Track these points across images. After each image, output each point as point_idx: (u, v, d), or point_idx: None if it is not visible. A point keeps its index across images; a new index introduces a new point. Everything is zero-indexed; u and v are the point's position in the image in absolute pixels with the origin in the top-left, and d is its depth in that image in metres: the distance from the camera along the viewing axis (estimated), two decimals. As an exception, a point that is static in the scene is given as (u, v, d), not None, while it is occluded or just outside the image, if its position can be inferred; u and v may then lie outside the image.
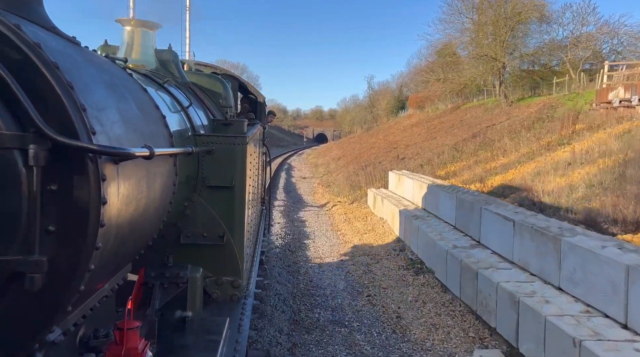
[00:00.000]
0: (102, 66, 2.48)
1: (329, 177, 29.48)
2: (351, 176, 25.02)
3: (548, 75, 37.01)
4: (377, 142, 39.50)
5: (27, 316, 1.75)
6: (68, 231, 1.75)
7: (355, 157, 34.91)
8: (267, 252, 10.09)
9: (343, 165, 32.65)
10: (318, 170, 35.97)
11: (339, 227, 15.55)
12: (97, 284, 2.27)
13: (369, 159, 30.97)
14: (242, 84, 8.36)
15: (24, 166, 1.66)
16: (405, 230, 12.36)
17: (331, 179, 27.92)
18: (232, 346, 3.25)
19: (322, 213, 18.40)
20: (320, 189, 25.71)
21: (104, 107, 2.10)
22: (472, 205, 9.81)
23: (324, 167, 37.10)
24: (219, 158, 3.94)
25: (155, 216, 2.81)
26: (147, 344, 2.46)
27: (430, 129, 35.40)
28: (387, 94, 67.79)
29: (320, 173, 33.75)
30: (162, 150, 2.57)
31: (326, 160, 41.04)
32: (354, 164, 31.12)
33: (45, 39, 1.92)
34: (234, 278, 4.04)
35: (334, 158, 39.96)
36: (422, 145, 29.48)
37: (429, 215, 12.23)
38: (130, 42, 4.49)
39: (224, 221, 3.96)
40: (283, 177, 31.40)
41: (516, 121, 25.48)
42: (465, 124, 31.55)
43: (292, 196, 23.30)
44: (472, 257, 8.35)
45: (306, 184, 28.09)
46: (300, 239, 13.69)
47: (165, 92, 3.93)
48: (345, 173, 27.52)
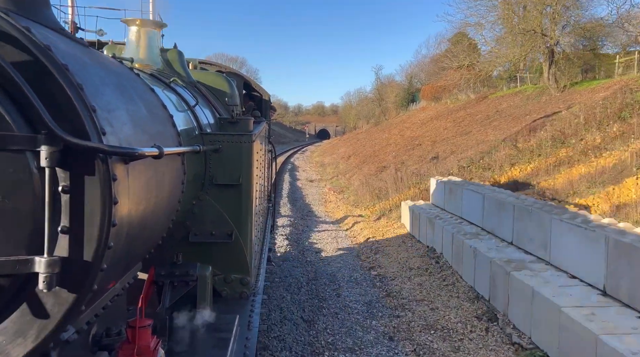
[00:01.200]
0: (110, 67, 2.50)
1: (341, 180, 26.19)
2: (370, 180, 21.19)
3: (599, 56, 30.90)
4: (392, 138, 34.91)
5: (41, 315, 1.77)
6: (80, 231, 1.77)
7: (369, 155, 31.11)
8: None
9: (355, 166, 28.93)
10: (326, 171, 32.47)
11: (371, 260, 10.63)
12: (109, 283, 2.29)
13: (387, 158, 26.87)
14: (247, 81, 8.37)
15: (36, 167, 1.68)
16: (494, 284, 7.61)
17: (344, 183, 24.55)
18: (242, 343, 3.27)
19: (341, 235, 13.68)
20: (332, 196, 21.89)
21: (114, 108, 2.12)
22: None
23: (332, 167, 33.42)
24: (226, 156, 3.96)
25: (164, 214, 2.83)
26: (159, 342, 2.48)
27: (459, 122, 29.81)
28: (395, 86, 63.39)
29: (328, 174, 30.49)
30: (171, 150, 2.59)
31: (334, 159, 37.42)
32: (369, 164, 27.32)
33: (54, 41, 1.94)
34: (243, 276, 4.06)
35: (342, 156, 36.32)
36: (454, 141, 24.72)
37: (535, 259, 7.77)
38: (136, 42, 4.51)
39: (232, 218, 3.98)
40: (287, 181, 27.73)
41: (585, 110, 18.77)
42: (506, 116, 26.01)
43: (299, 206, 19.21)
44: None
45: (314, 190, 24.38)
46: (318, 292, 8.72)
47: (172, 91, 3.95)
48: (360, 176, 23.83)
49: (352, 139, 48.85)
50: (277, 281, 8.74)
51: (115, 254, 1.97)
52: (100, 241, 1.79)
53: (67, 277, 1.76)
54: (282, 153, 43.73)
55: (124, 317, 2.69)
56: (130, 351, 2.33)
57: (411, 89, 57.22)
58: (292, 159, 45.48)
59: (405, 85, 59.15)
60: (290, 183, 27.20)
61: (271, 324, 6.57)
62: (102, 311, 2.34)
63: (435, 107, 40.83)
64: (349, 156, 34.72)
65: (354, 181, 23.68)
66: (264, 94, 8.87)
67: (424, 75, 55.51)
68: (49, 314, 1.77)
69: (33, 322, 1.77)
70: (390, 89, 63.20)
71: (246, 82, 8.31)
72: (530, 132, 19.58)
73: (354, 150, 37.60)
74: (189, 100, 4.13)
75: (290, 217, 16.32)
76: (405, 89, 58.20)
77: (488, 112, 29.21)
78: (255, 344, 3.52)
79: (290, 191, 23.70)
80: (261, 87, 8.79)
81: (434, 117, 35.33)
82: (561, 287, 6.49)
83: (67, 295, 1.77)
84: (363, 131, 53.65)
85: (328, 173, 31.38)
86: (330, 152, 45.96)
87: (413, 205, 13.10)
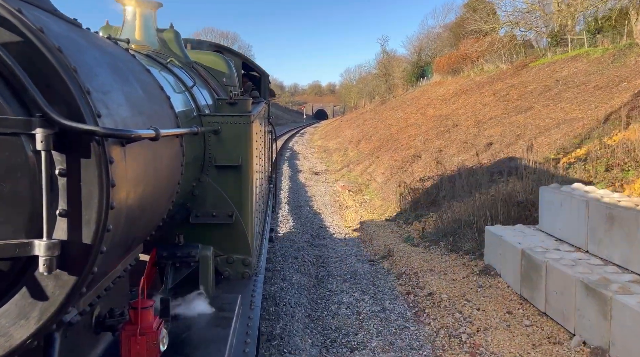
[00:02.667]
0: (105, 48, 2.47)
1: (354, 172, 21.72)
2: (398, 175, 16.69)
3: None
4: (410, 117, 29.28)
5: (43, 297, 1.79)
6: (78, 213, 1.77)
7: (385, 139, 26.07)
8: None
9: (371, 153, 24.07)
10: (332, 160, 27.69)
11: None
12: (110, 265, 2.30)
13: (414, 143, 21.53)
14: (245, 61, 8.29)
15: (31, 150, 1.68)
16: None
17: (360, 178, 19.83)
18: (244, 322, 3.31)
19: (384, 288, 7.75)
20: (348, 198, 16.50)
21: (109, 90, 2.10)
22: None
23: (339, 154, 28.75)
24: (225, 138, 3.94)
25: (164, 196, 2.83)
26: (161, 323, 2.51)
27: (502, 96, 22.99)
28: (401, 60, 58.01)
29: (336, 164, 25.91)
30: (168, 131, 2.57)
31: (340, 144, 32.49)
32: (390, 151, 22.13)
33: (47, 22, 1.91)
34: (245, 256, 4.09)
35: (350, 141, 31.42)
36: (512, 121, 18.40)
37: None
38: (132, 22, 4.45)
39: (233, 200, 3.99)
40: (286, 174, 22.44)
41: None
42: (578, 85, 19.60)
43: (305, 217, 13.46)
44: None
45: (322, 187, 19.16)
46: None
47: (169, 72, 3.91)
48: (382, 169, 19.27)
49: (357, 120, 43.21)
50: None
51: (115, 236, 1.98)
52: (99, 224, 1.80)
53: (67, 260, 1.77)
54: (279, 136, 34.93)
55: (127, 299, 2.72)
56: (133, 332, 2.35)
57: (420, 62, 51.09)
58: (291, 144, 40.48)
59: (414, 59, 52.91)
60: (290, 177, 21.72)
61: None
62: (104, 292, 2.36)
63: (455, 81, 34.59)
64: (359, 140, 29.88)
65: (375, 174, 19.10)
66: (262, 74, 8.80)
67: (438, 45, 49.76)
68: (50, 296, 1.78)
69: (35, 305, 1.78)
70: (395, 63, 58.14)
71: (244, 62, 8.23)
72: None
73: (362, 132, 32.65)
74: (187, 81, 4.09)
75: (294, 239, 10.50)
76: (414, 62, 52.12)
77: (544, 82, 22.53)
78: (258, 323, 3.56)
79: (292, 190, 18.13)
80: (260, 67, 8.72)
81: (460, 92, 28.88)
82: None
83: (67, 277, 1.79)
84: (368, 110, 48.79)
85: (335, 162, 26.76)
86: (333, 134, 41.39)
87: (514, 238, 7.42)
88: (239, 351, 2.94)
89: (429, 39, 53.27)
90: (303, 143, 41.49)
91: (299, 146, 38.31)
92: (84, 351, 2.39)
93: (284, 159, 28.83)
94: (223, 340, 2.84)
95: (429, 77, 43.97)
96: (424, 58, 51.33)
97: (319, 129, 57.41)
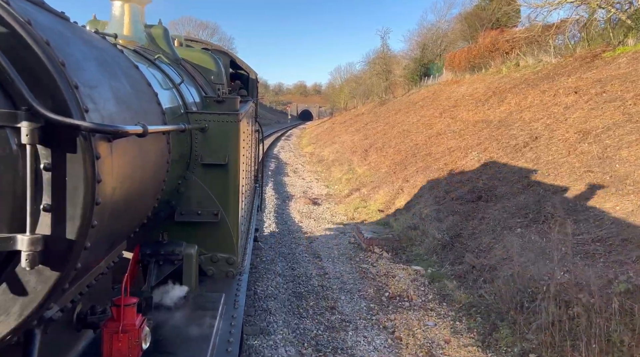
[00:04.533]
0: (93, 43, 2.44)
1: (373, 202, 14.53)
2: (468, 227, 9.59)
3: None
4: (435, 122, 21.72)
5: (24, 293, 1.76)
6: (63, 209, 1.75)
7: (410, 152, 18.75)
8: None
9: (391, 172, 17.05)
10: (333, 177, 20.95)
11: None
12: (93, 262, 2.28)
13: (464, 161, 14.36)
14: (233, 60, 8.26)
15: (16, 144, 1.65)
16: None
17: (392, 217, 12.40)
18: (228, 321, 3.30)
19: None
20: (382, 264, 9.22)
21: (96, 85, 2.08)
22: None
23: (341, 168, 21.89)
24: (212, 136, 3.93)
25: (149, 193, 2.82)
26: (144, 320, 2.49)
27: (592, 96, 14.26)
28: (401, 58, 51.26)
29: (340, 184, 19.03)
30: (156, 128, 2.56)
31: (338, 153, 26.00)
32: (424, 170, 15.11)
33: (34, 15, 1.89)
34: (229, 255, 4.07)
35: (352, 149, 24.99)
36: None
37: None
38: (120, 17, 4.41)
39: (218, 198, 3.97)
40: (272, 202, 15.40)
41: None
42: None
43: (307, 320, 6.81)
44: None
45: (332, 238, 11.40)
46: None
47: (157, 68, 3.89)
48: (429, 206, 11.68)
49: (354, 123, 37.31)
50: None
51: (99, 232, 1.96)
52: (84, 219, 1.78)
53: (50, 255, 1.75)
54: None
55: (109, 296, 2.69)
56: (115, 329, 2.34)
57: (423, 59, 44.40)
58: (276, 150, 33.93)
59: (417, 55, 45.70)
60: (277, 211, 14.10)
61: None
62: (86, 289, 2.34)
63: (477, 78, 27.29)
64: (366, 150, 23.17)
65: (418, 209, 11.77)
66: (250, 72, 8.78)
67: (448, 39, 43.84)
68: (32, 291, 1.76)
69: (16, 300, 1.76)
70: (394, 60, 52.09)
71: (233, 60, 8.21)
72: None
73: (367, 139, 26.13)
74: (175, 78, 4.07)
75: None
76: (417, 59, 45.05)
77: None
78: (241, 322, 3.55)
79: (281, 248, 10.31)
80: (248, 65, 8.70)
81: (498, 91, 20.97)
82: None
83: (50, 273, 1.77)
84: (364, 112, 42.85)
85: (339, 181, 19.80)
86: (326, 139, 35.34)
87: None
88: (222, 350, 2.93)
89: (434, 33, 46.28)
90: (290, 149, 35.91)
91: (286, 153, 32.18)
92: (65, 347, 2.36)
93: (268, 172, 21.84)
94: (206, 339, 2.83)
95: (437, 74, 37.97)
96: (427, 55, 45.00)
97: (306, 131, 53.09)
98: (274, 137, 43.11)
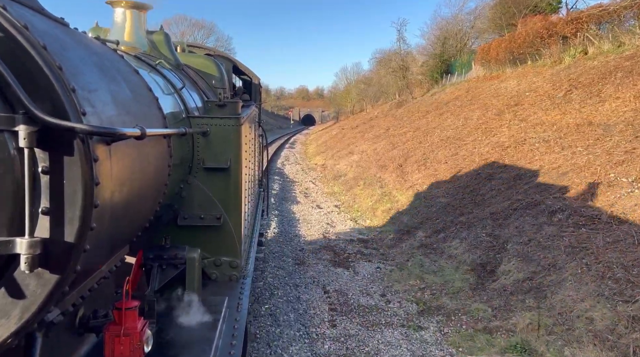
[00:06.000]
0: (91, 48, 2.46)
1: (454, 270, 8.35)
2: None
3: None
4: (496, 127, 16.40)
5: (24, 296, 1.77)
6: (61, 212, 1.76)
7: (485, 172, 12.58)
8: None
9: (469, 204, 11.04)
10: (360, 204, 15.38)
11: None
12: (94, 265, 2.29)
13: (626, 204, 7.65)
14: (236, 65, 8.30)
15: (14, 148, 1.67)
16: None
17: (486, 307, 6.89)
18: (231, 325, 3.29)
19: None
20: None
21: (95, 89, 2.09)
22: None
23: (369, 189, 16.37)
24: (214, 140, 3.94)
25: (150, 197, 2.82)
26: (146, 324, 2.49)
27: None
28: (414, 55, 46.06)
29: (371, 215, 13.71)
30: (154, 131, 2.57)
31: (359, 166, 20.57)
32: (536, 210, 8.74)
33: (32, 20, 1.91)
34: (232, 259, 4.08)
35: (378, 162, 19.44)
36: None
37: None
38: (122, 23, 4.44)
39: (221, 202, 3.98)
40: (281, 260, 9.54)
41: None
42: None
43: None
44: None
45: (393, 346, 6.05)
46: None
47: (158, 74, 3.91)
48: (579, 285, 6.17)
49: (371, 128, 31.72)
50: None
51: (99, 235, 1.97)
52: (82, 222, 1.79)
53: (49, 259, 1.75)
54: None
55: (112, 300, 2.70)
56: (117, 332, 2.34)
57: (444, 55, 39.56)
58: (280, 162, 28.81)
59: (437, 51, 40.51)
60: (288, 294, 7.90)
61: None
62: (88, 293, 2.35)
63: (527, 71, 22.08)
64: (400, 163, 17.65)
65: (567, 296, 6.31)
66: (253, 77, 8.81)
67: (477, 29, 38.92)
68: (31, 295, 1.77)
69: (16, 304, 1.77)
70: (409, 57, 46.61)
71: (235, 65, 8.24)
72: None
73: (395, 147, 20.89)
74: (176, 83, 4.09)
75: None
76: (437, 55, 40.07)
77: None
78: (244, 325, 3.55)
79: None
80: (251, 70, 8.73)
81: (574, 86, 15.67)
82: None
83: (49, 276, 1.77)
84: (377, 116, 37.76)
85: (369, 212, 14.13)
86: (338, 147, 29.97)
87: None
88: (225, 353, 2.93)
89: (455, 26, 40.89)
90: (296, 160, 30.59)
91: (292, 167, 26.48)
92: (67, 351, 2.37)
93: (271, 199, 16.08)
94: (208, 341, 2.83)
95: (464, 70, 33.17)
96: (448, 50, 40.16)
97: (310, 137, 49.04)
98: (276, 145, 39.02)
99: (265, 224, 11.11)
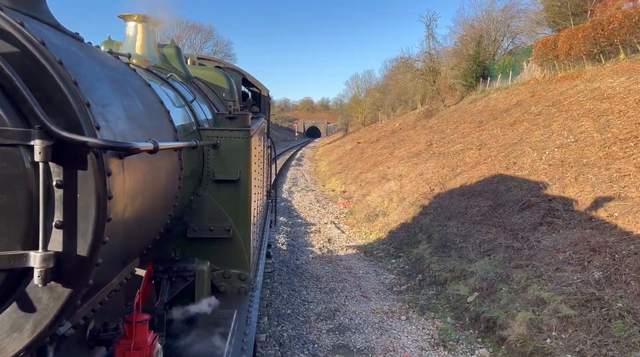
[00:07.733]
0: (105, 62, 2.49)
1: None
2: None
3: None
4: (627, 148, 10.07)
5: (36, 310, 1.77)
6: (74, 225, 1.76)
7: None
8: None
9: None
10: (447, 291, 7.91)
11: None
12: (105, 278, 2.29)
13: None
14: (245, 77, 8.36)
15: (29, 162, 1.68)
16: None
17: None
18: (240, 338, 3.28)
19: None
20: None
21: (108, 103, 2.11)
22: None
23: (425, 249, 10.10)
24: (224, 152, 3.95)
25: (161, 210, 2.83)
26: (156, 337, 2.49)
27: None
28: (440, 57, 39.83)
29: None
30: (166, 144, 2.58)
31: (405, 201, 14.16)
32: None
33: (48, 35, 1.94)
34: (242, 271, 4.06)
35: (437, 195, 13.49)
36: None
37: None
38: (133, 37, 4.50)
39: (231, 214, 3.98)
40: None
41: None
42: None
43: None
44: None
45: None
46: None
47: (169, 87, 3.94)
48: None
49: (400, 142, 26.15)
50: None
51: (111, 249, 1.97)
52: (95, 236, 1.79)
53: (62, 272, 1.76)
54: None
55: (122, 313, 2.70)
56: (128, 346, 2.33)
57: (478, 56, 34.91)
58: (286, 187, 22.84)
59: (472, 51, 35.45)
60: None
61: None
62: (99, 306, 2.35)
63: (622, 67, 17.03)
64: (490, 201, 11.20)
65: None
66: (262, 89, 8.86)
67: (522, 24, 34.20)
68: (44, 308, 1.77)
69: (29, 317, 1.77)
70: (437, 59, 39.74)
71: (245, 78, 8.30)
72: None
73: (458, 173, 14.83)
74: (187, 96, 4.12)
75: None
76: (471, 56, 35.19)
77: None
78: (254, 338, 3.53)
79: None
80: (260, 83, 8.78)
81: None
82: None
83: (62, 290, 1.77)
84: (401, 127, 32.67)
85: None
86: (359, 168, 24.13)
87: None
88: None
89: (492, 20, 35.87)
90: (306, 183, 24.51)
91: (302, 195, 20.47)
92: None
93: (276, 258, 10.42)
94: (218, 355, 2.82)
95: (511, 73, 28.32)
96: (486, 50, 35.69)
97: (318, 151, 43.99)
98: (281, 161, 32.96)
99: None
